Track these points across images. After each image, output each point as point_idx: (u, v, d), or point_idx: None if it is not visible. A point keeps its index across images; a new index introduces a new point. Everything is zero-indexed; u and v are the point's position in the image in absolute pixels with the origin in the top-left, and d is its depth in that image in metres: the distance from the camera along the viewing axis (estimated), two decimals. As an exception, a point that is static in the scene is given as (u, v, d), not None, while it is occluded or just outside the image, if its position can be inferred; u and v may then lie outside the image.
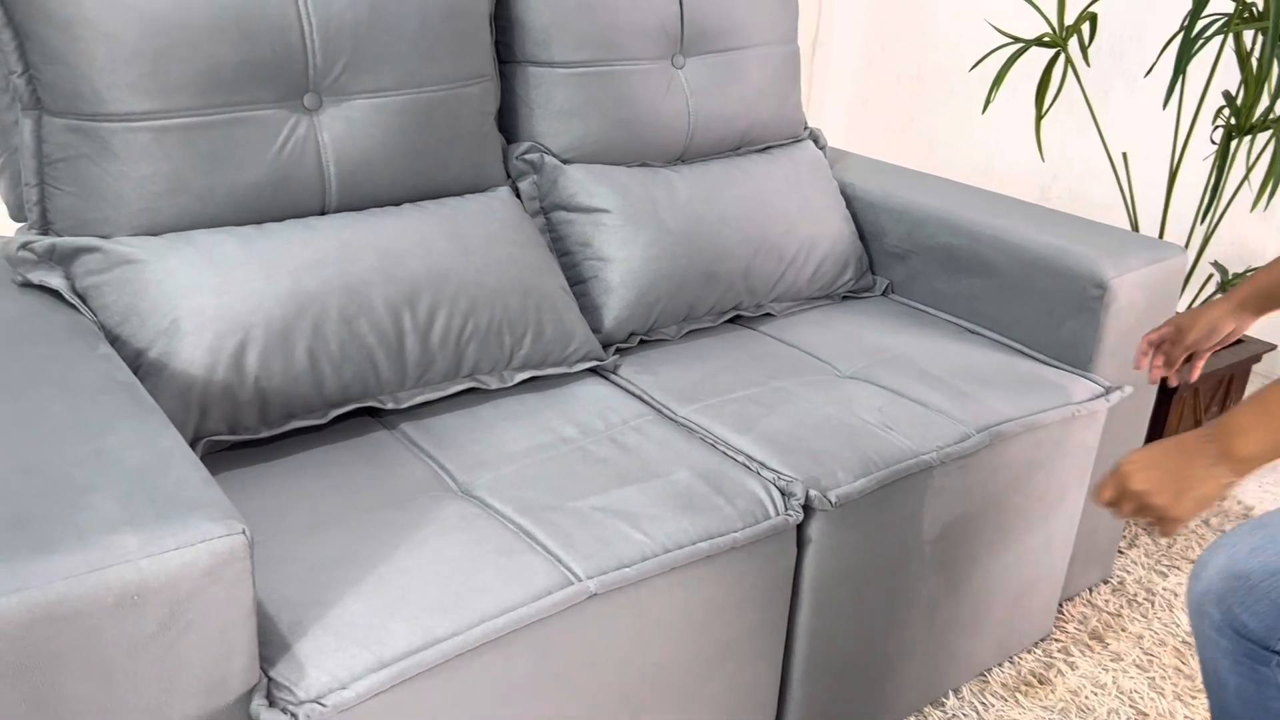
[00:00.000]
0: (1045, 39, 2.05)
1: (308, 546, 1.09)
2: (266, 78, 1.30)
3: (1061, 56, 2.41)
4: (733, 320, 1.72)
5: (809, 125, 1.92)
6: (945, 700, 1.59)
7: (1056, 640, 1.73)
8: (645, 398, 1.46)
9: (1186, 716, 1.58)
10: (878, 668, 1.44)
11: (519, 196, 1.59)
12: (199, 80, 1.25)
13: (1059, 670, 1.66)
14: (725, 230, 1.63)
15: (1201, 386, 2.09)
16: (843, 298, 1.84)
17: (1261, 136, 2.38)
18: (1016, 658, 1.69)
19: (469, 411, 1.38)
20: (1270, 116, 1.95)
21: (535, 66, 1.58)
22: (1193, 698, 1.62)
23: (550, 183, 1.58)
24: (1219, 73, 2.43)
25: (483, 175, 1.53)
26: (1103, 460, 1.70)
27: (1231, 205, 2.53)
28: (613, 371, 1.52)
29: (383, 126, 1.39)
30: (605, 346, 1.56)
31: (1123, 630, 1.76)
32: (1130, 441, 1.74)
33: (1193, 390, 2.07)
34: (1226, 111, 2.03)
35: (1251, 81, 1.91)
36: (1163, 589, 1.86)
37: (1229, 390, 2.16)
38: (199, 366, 1.19)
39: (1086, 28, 2.22)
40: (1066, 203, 2.90)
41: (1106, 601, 1.82)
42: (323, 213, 1.38)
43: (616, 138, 1.63)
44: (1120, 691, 1.63)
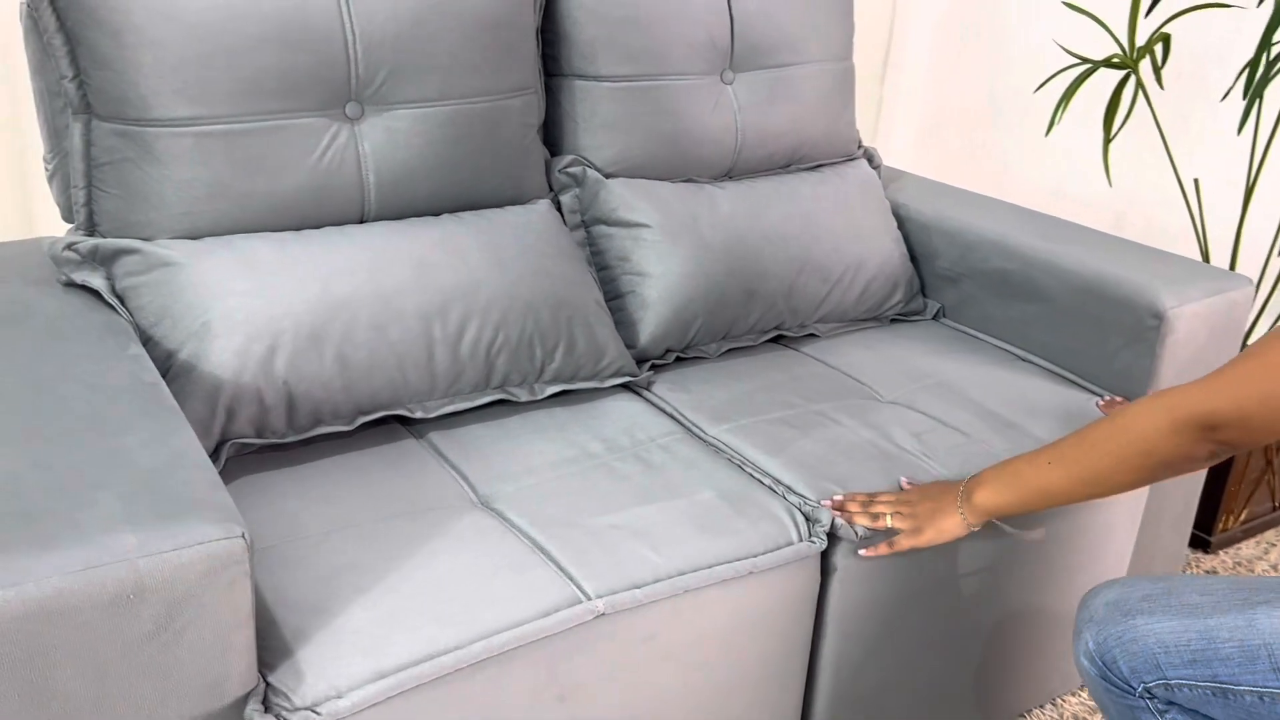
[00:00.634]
0: (1114, 60, 1.99)
1: (321, 552, 1.09)
2: (308, 87, 1.31)
3: (1132, 79, 2.34)
4: (775, 340, 1.69)
5: (864, 144, 1.89)
6: (981, 740, 1.53)
7: (1104, 684, 1.66)
8: (676, 415, 1.44)
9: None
10: (907, 705, 1.40)
11: (560, 209, 1.58)
12: (241, 88, 1.27)
13: (1105, 715, 1.59)
14: (767, 248, 1.61)
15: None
16: (891, 320, 1.80)
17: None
18: (1060, 700, 1.62)
19: (498, 423, 1.37)
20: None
21: (580, 80, 1.57)
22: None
23: (591, 196, 1.58)
24: (1304, 98, 2.32)
25: (523, 187, 1.53)
26: (1157, 496, 1.63)
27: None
28: (646, 388, 1.51)
29: (423, 137, 1.40)
30: (641, 362, 1.54)
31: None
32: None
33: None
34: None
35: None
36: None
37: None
38: (227, 369, 1.20)
39: (1159, 49, 2.15)
40: (1142, 231, 2.81)
41: (1161, 646, 1.74)
42: (362, 221, 1.39)
43: (661, 153, 1.62)
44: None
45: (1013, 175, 3.17)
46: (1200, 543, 1.99)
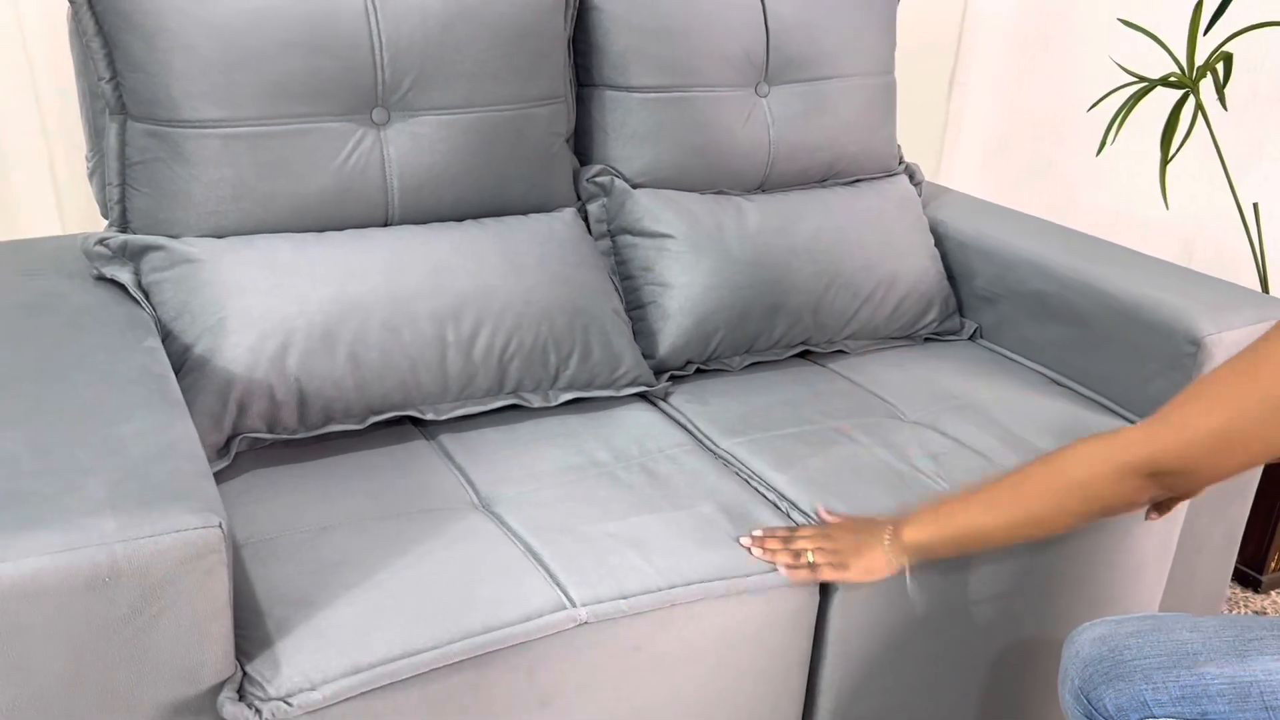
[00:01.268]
0: (1172, 79, 1.93)
1: (316, 547, 1.11)
2: (334, 91, 1.34)
3: (1191, 99, 2.27)
4: (803, 355, 1.67)
5: (904, 160, 1.86)
6: (997, 774, 1.49)
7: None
8: (689, 427, 1.44)
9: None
10: (915, 730, 1.36)
11: (588, 218, 1.59)
12: (268, 91, 1.30)
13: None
14: (795, 262, 1.59)
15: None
16: (925, 339, 1.77)
17: None
18: (1084, 737, 1.57)
19: (509, 428, 1.38)
20: None
21: (612, 90, 1.58)
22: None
23: (618, 206, 1.58)
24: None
25: (550, 195, 1.53)
26: (1191, 526, 1.57)
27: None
28: (663, 398, 1.50)
29: (448, 143, 1.42)
30: (660, 373, 1.54)
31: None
32: (1228, 501, 1.60)
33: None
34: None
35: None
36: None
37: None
38: (240, 364, 1.23)
39: (1220, 68, 2.08)
40: (1210, 257, 2.71)
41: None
42: (385, 225, 1.41)
43: (691, 164, 1.61)
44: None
45: (1078, 197, 3.09)
46: (1248, 580, 1.90)
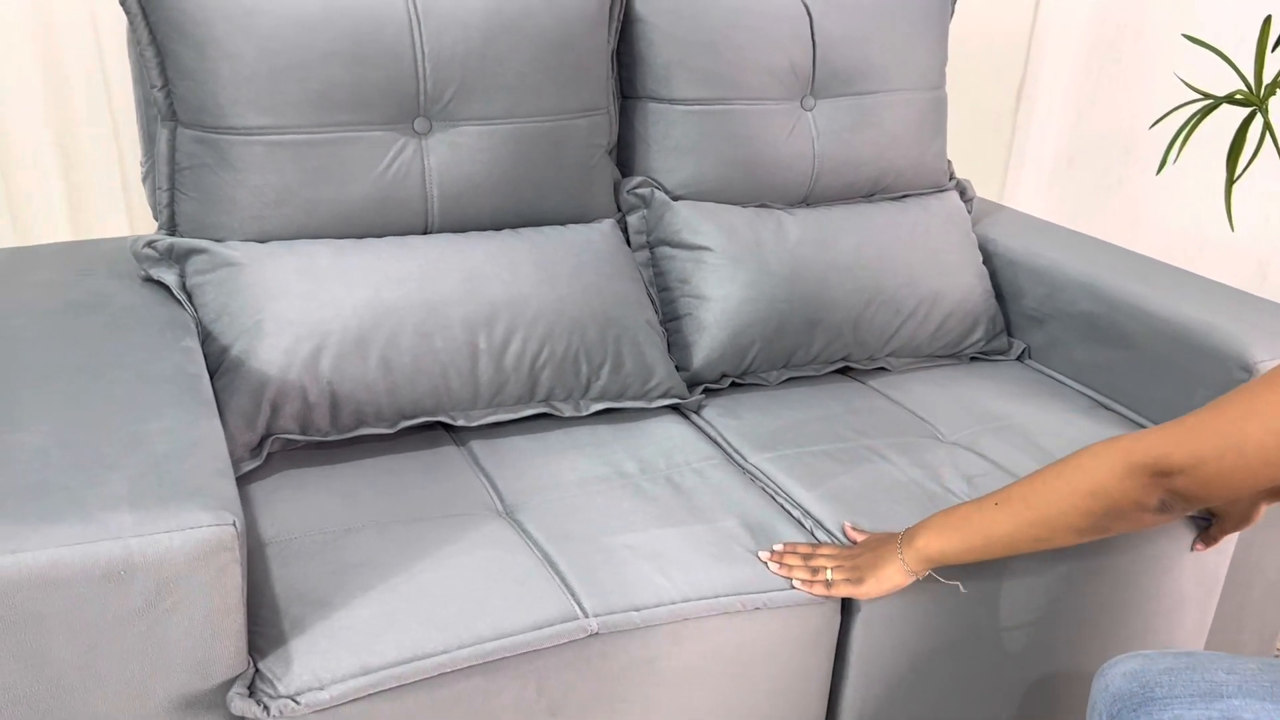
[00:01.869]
0: (1238, 96, 1.87)
1: (337, 548, 1.13)
2: (377, 101, 1.36)
3: (1258, 117, 2.19)
4: (843, 371, 1.66)
5: (955, 175, 1.83)
6: (1029, 806, 1.45)
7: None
8: (719, 440, 1.43)
9: None
10: (942, 757, 1.34)
11: (627, 230, 1.59)
12: (312, 100, 1.33)
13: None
14: (834, 277, 1.57)
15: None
16: (971, 359, 1.74)
17: None
18: (1124, 772, 1.52)
19: (539, 436, 1.39)
20: None
21: (655, 102, 1.58)
22: None
23: (657, 218, 1.58)
24: None
25: (589, 206, 1.54)
26: (1241, 558, 1.51)
27: None
28: (695, 411, 1.50)
29: (488, 153, 1.43)
30: (695, 386, 1.53)
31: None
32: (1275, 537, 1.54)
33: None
34: None
35: None
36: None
37: None
38: (274, 366, 1.25)
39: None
40: (1285, 280, 2.62)
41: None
42: (425, 233, 1.43)
43: (734, 177, 1.61)
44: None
45: (1148, 217, 3.01)
46: (1309, 619, 1.83)
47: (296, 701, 0.94)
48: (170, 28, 1.31)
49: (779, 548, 1.18)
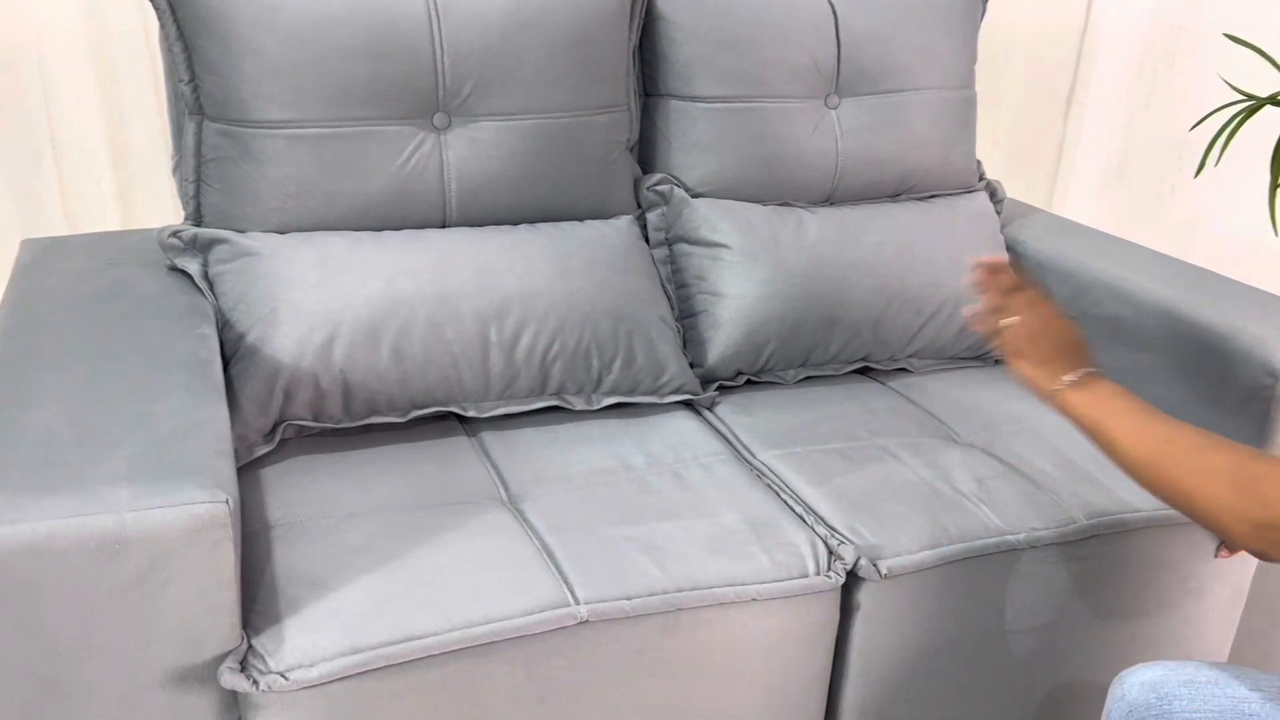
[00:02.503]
0: (1279, 98, 1.82)
1: (340, 532, 1.15)
2: (396, 96, 1.39)
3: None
4: (864, 372, 1.64)
5: (985, 176, 1.81)
6: (1042, 816, 1.42)
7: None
8: (729, 437, 1.43)
9: None
10: (948, 762, 1.32)
11: (647, 226, 1.60)
12: (332, 94, 1.36)
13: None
14: (853, 275, 1.56)
15: None
16: (997, 361, 1.71)
17: None
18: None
19: (550, 429, 1.40)
20: None
21: (676, 100, 1.59)
22: None
23: (676, 214, 1.58)
24: None
25: (608, 203, 1.55)
26: (1272, 568, 1.47)
27: None
28: (708, 407, 1.50)
29: (506, 148, 1.45)
30: (709, 383, 1.53)
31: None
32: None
33: None
34: None
35: None
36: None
37: None
38: (287, 354, 1.28)
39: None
40: (1340, 288, 2.54)
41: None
42: (443, 226, 1.45)
43: (755, 175, 1.61)
44: None
45: (1203, 224, 2.94)
46: (1348, 636, 1.77)
47: (285, 678, 0.96)
48: (196, 24, 1.34)
49: (988, 260, 1.13)
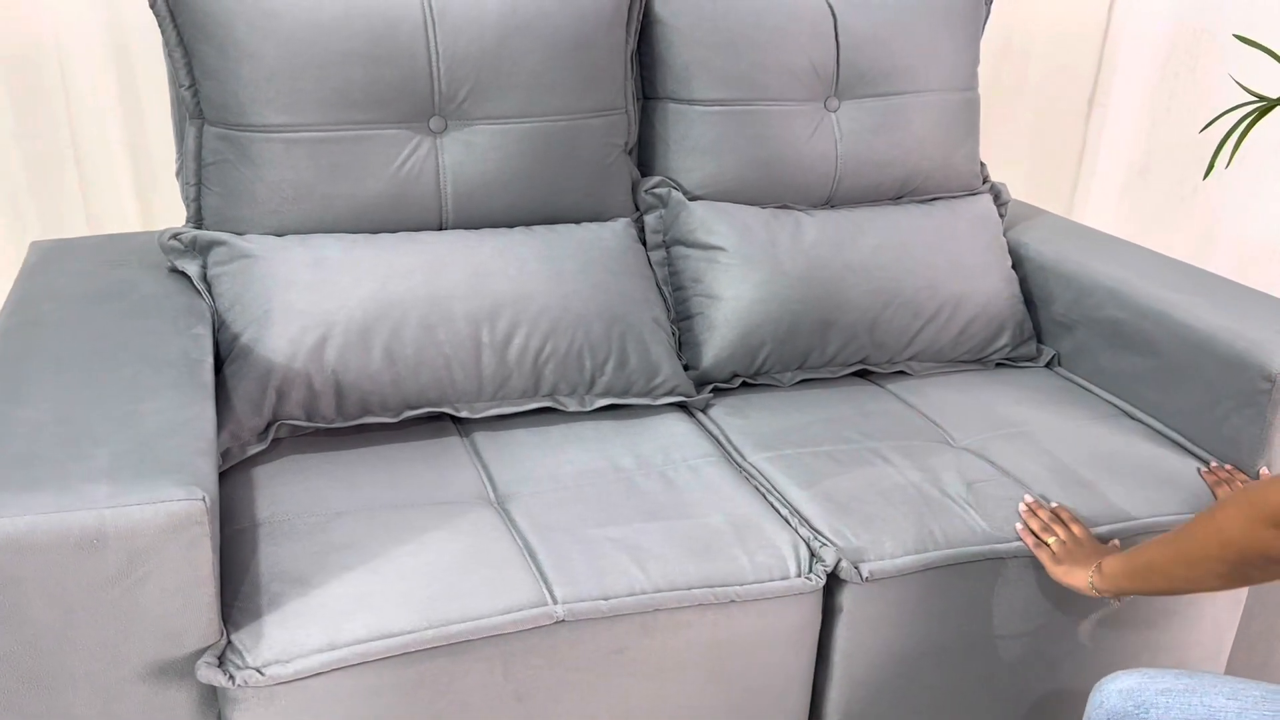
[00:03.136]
0: (1291, 99, 1.80)
1: (326, 530, 1.16)
2: (392, 100, 1.40)
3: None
4: (862, 375, 1.64)
5: (989, 178, 1.80)
6: (1035, 823, 1.41)
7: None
8: (720, 439, 1.43)
9: None
10: (935, 766, 1.31)
11: (645, 229, 1.60)
12: (328, 99, 1.38)
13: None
14: (849, 278, 1.56)
15: None
16: (997, 365, 1.70)
17: None
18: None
19: (541, 430, 1.41)
20: None
21: (675, 103, 1.59)
22: None
23: (673, 217, 1.59)
24: None
25: (605, 205, 1.56)
26: (1260, 586, 1.45)
27: None
28: (702, 409, 1.50)
29: (502, 152, 1.46)
30: (704, 385, 1.54)
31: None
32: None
33: None
34: None
35: None
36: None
37: None
38: (280, 354, 1.30)
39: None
40: (1363, 292, 2.50)
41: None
42: (439, 229, 1.47)
43: (753, 178, 1.61)
44: None
45: (1224, 226, 2.91)
46: (1357, 645, 1.74)
47: (261, 673, 0.98)
48: (195, 29, 1.37)
49: (1031, 501, 1.29)
